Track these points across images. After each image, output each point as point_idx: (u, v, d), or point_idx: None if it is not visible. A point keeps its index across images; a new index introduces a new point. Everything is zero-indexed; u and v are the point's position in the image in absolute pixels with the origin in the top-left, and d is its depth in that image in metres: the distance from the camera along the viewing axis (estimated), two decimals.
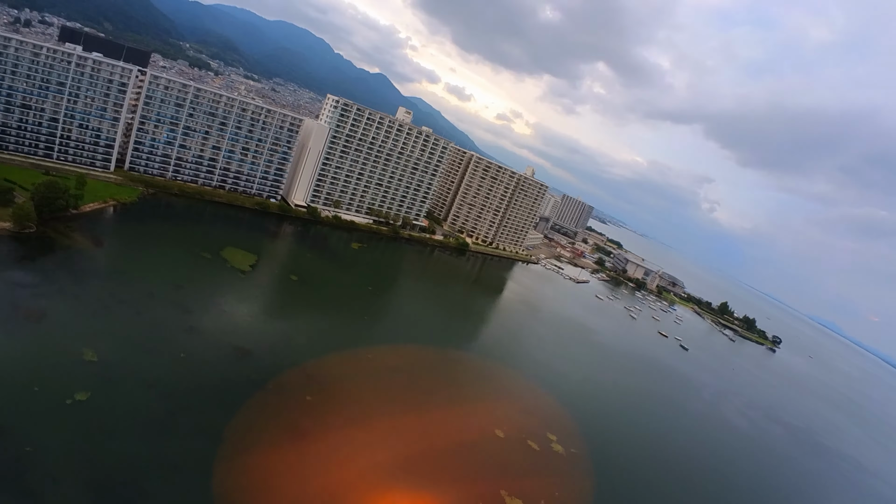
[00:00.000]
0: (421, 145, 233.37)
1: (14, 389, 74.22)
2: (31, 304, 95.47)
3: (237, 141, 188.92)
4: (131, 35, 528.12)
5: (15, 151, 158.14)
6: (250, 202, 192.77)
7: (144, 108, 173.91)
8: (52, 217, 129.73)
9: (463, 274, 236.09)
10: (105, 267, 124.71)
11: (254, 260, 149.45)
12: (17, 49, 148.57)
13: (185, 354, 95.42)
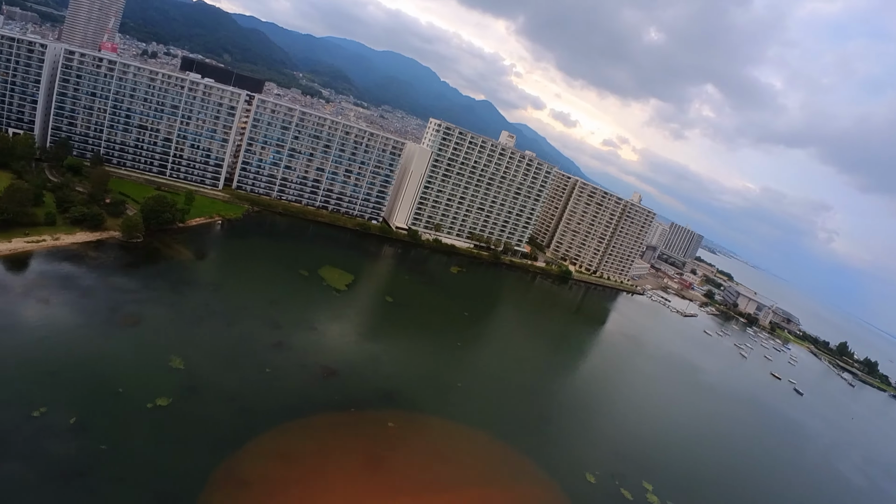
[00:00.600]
0: (524, 170, 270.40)
1: (100, 389, 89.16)
2: (129, 309, 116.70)
3: (340, 163, 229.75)
4: (248, 66, 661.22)
5: (132, 168, 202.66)
6: (352, 223, 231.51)
7: (252, 130, 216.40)
8: (158, 229, 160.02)
9: (564, 303, 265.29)
10: (203, 278, 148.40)
11: (350, 279, 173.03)
12: (135, 75, 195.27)
13: (271, 370, 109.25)
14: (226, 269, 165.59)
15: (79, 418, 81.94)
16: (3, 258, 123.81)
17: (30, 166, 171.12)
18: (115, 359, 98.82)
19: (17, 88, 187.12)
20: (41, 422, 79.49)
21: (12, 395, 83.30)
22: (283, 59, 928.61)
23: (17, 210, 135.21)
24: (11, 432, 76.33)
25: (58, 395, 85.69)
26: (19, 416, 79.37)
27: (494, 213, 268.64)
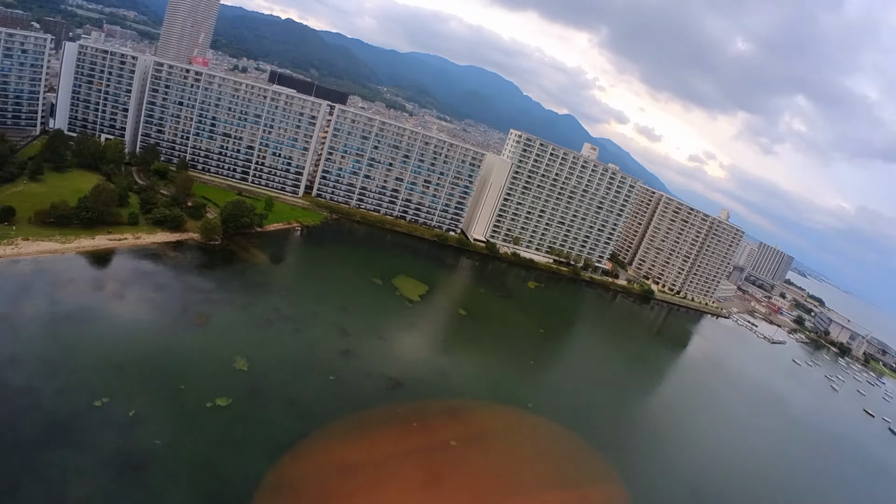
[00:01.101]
0: (606, 183, 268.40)
1: (162, 384, 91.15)
2: (200, 308, 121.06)
3: (419, 173, 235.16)
4: (335, 80, 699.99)
5: (216, 174, 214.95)
6: (429, 233, 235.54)
7: (332, 139, 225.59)
8: (237, 232, 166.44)
9: (644, 323, 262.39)
10: (276, 282, 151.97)
11: (424, 290, 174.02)
12: (220, 85, 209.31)
13: (335, 377, 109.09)
14: (300, 274, 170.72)
15: (138, 411, 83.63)
16: (86, 253, 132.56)
17: (119, 169, 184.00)
18: (180, 356, 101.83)
19: (111, 97, 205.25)
20: (101, 412, 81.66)
21: (78, 383, 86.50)
22: (368, 73, 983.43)
23: (102, 209, 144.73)
24: (72, 419, 78.63)
25: (121, 387, 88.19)
26: (81, 405, 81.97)
27: (575, 228, 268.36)
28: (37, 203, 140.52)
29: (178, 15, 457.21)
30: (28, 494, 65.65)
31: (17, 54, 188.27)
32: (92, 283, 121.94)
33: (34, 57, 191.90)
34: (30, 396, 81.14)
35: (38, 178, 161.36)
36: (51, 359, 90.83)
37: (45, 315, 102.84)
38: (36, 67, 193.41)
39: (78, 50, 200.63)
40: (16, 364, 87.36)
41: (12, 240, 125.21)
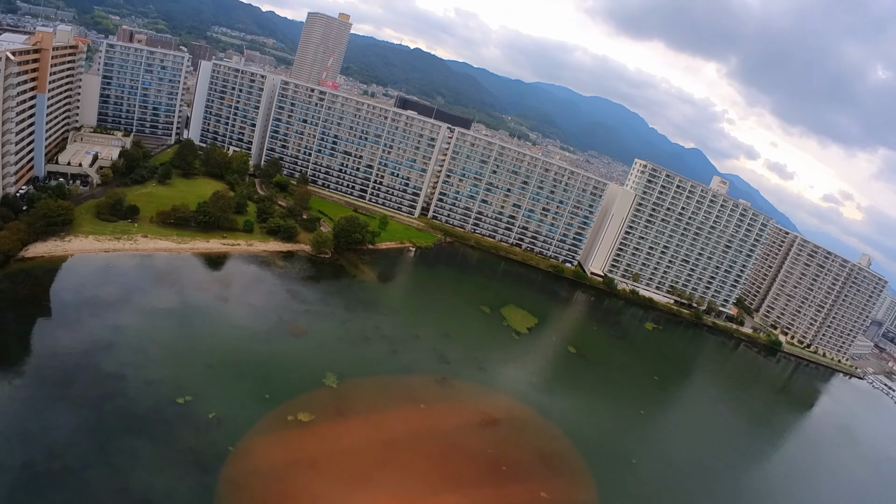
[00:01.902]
0: (737, 221, 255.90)
1: (247, 391, 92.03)
2: (300, 319, 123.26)
3: (538, 201, 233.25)
4: (460, 107, 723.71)
5: (335, 190, 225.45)
6: (545, 263, 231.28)
7: (451, 161, 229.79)
8: (348, 248, 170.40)
9: (768, 378, 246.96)
10: (381, 301, 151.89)
11: (534, 323, 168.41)
12: (342, 104, 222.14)
13: (426, 406, 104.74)
14: (406, 294, 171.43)
15: (218, 414, 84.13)
16: (199, 255, 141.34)
17: (242, 180, 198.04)
18: (271, 365, 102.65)
19: (240, 112, 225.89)
20: (183, 409, 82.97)
21: (166, 378, 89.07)
22: (493, 102, 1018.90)
23: (219, 215, 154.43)
24: (153, 412, 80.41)
25: (206, 388, 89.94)
26: (165, 399, 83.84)
27: (700, 267, 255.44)
28: (160, 204, 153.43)
29: (310, 42, 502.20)
30: (93, 476, 67.43)
31: (157, 70, 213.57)
32: (199, 283, 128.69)
33: (172, 73, 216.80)
34: (119, 383, 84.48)
35: (167, 182, 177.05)
36: (145, 350, 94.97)
37: (149, 308, 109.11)
38: (174, 83, 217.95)
39: (212, 68, 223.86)
40: (112, 351, 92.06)
41: (133, 236, 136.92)
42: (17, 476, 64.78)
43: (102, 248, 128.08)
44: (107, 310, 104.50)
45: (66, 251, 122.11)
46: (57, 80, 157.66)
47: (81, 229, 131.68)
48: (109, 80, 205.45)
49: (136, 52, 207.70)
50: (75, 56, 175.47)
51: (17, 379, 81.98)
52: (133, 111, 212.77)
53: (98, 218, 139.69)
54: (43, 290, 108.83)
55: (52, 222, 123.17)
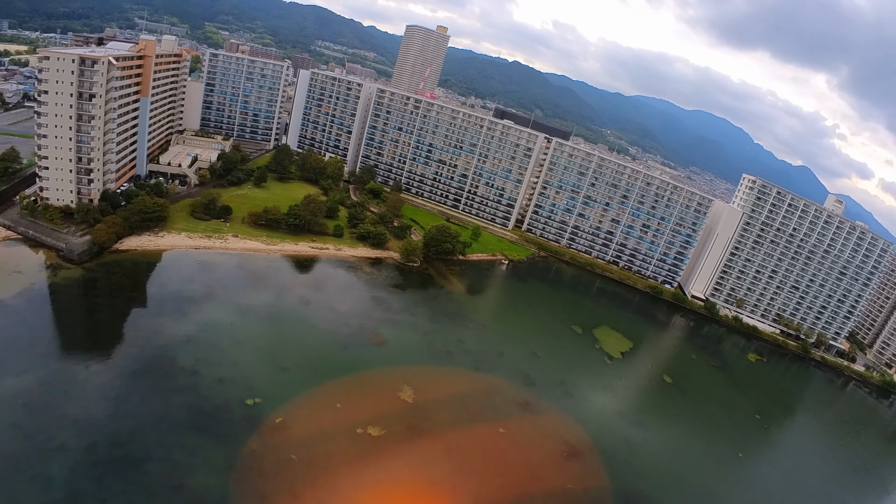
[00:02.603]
0: (853, 245, 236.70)
1: (319, 397, 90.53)
2: (381, 327, 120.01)
3: (638, 217, 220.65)
4: (558, 120, 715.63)
5: (428, 198, 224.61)
6: (642, 284, 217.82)
7: (548, 173, 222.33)
8: (438, 257, 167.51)
9: (880, 422, 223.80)
10: (467, 314, 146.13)
11: (628, 347, 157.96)
12: (437, 112, 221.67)
13: (506, 431, 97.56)
14: (494, 309, 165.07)
15: (286, 420, 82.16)
16: (287, 256, 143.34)
17: (336, 185, 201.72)
18: (347, 373, 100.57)
19: (337, 120, 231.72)
20: (251, 411, 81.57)
21: (239, 378, 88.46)
22: (592, 115, 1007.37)
23: (310, 219, 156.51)
24: (221, 410, 79.62)
25: (278, 392, 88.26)
26: (234, 399, 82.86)
27: (811, 296, 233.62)
28: (253, 206, 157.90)
29: (409, 54, 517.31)
30: (152, 469, 66.99)
31: (257, 78, 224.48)
32: (284, 285, 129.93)
33: (272, 81, 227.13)
34: (191, 379, 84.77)
35: (262, 185, 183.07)
36: (222, 348, 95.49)
37: (231, 306, 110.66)
38: (273, 90, 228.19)
39: (310, 76, 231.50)
40: (190, 345, 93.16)
41: (224, 235, 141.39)
42: (78, 458, 65.68)
43: (193, 244, 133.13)
44: (190, 305, 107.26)
45: (159, 246, 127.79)
46: (161, 86, 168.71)
47: (175, 226, 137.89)
48: (212, 87, 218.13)
49: (238, 60, 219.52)
50: (179, 64, 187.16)
51: (94, 364, 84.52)
52: (234, 117, 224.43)
53: (192, 216, 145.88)
54: (131, 281, 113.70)
55: (146, 218, 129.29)
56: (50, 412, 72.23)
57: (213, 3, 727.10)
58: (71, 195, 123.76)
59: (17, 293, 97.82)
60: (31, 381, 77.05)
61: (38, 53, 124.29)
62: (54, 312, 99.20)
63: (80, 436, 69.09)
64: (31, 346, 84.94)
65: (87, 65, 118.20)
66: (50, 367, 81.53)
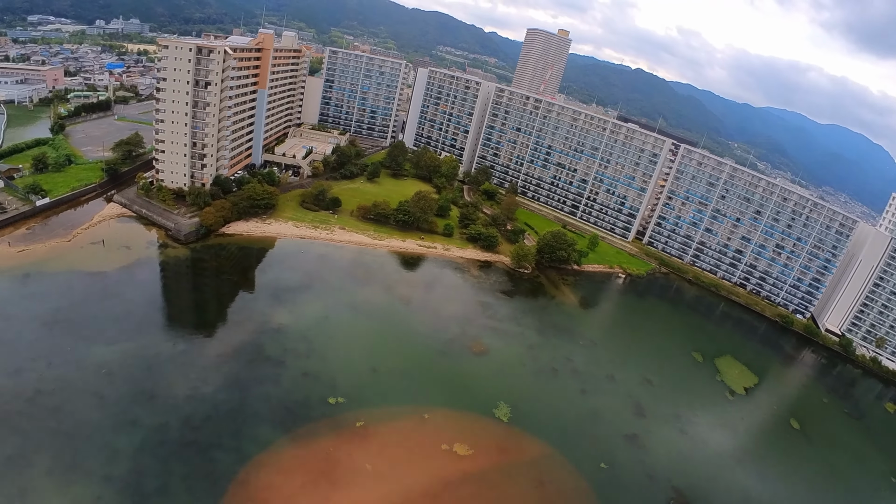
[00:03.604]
0: None
1: (406, 404, 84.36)
2: (484, 335, 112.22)
3: (771, 235, 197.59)
4: (683, 130, 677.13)
5: (545, 203, 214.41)
6: (771, 311, 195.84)
7: (674, 182, 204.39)
8: (551, 265, 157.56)
9: None
10: (579, 329, 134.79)
11: (752, 382, 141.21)
12: (558, 113, 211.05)
13: (608, 466, 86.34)
14: (608, 325, 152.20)
15: (367, 424, 76.56)
16: (393, 252, 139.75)
17: (450, 185, 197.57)
18: (440, 381, 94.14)
19: (454, 119, 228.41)
20: (332, 411, 77.15)
21: (324, 373, 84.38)
22: (718, 126, 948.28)
23: (419, 216, 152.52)
24: (301, 406, 75.91)
25: (362, 393, 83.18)
26: (316, 397, 78.86)
27: None
28: (364, 200, 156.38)
29: (530, 57, 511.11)
30: (219, 458, 64.50)
31: (375, 75, 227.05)
32: (386, 281, 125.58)
33: (390, 79, 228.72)
34: (276, 370, 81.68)
35: (375, 180, 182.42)
36: (312, 341, 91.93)
37: (328, 298, 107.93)
38: (391, 88, 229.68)
39: (428, 74, 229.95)
40: (280, 335, 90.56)
41: (331, 227, 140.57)
42: (148, 436, 64.67)
43: (299, 234, 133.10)
44: (287, 293, 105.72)
45: (265, 232, 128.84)
46: (279, 80, 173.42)
47: (283, 214, 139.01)
48: (331, 83, 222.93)
49: (357, 57, 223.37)
50: (298, 60, 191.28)
51: (181, 343, 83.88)
52: (352, 113, 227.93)
53: (301, 206, 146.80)
54: (232, 264, 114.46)
55: (255, 204, 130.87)
56: (130, 385, 72.65)
57: (339, 9, 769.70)
58: (184, 178, 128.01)
59: (121, 266, 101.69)
60: (119, 352, 78.34)
61: (159, 43, 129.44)
62: (153, 288, 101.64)
63: (154, 413, 68.29)
64: (124, 318, 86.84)
65: (204, 54, 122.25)
66: (139, 340, 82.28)
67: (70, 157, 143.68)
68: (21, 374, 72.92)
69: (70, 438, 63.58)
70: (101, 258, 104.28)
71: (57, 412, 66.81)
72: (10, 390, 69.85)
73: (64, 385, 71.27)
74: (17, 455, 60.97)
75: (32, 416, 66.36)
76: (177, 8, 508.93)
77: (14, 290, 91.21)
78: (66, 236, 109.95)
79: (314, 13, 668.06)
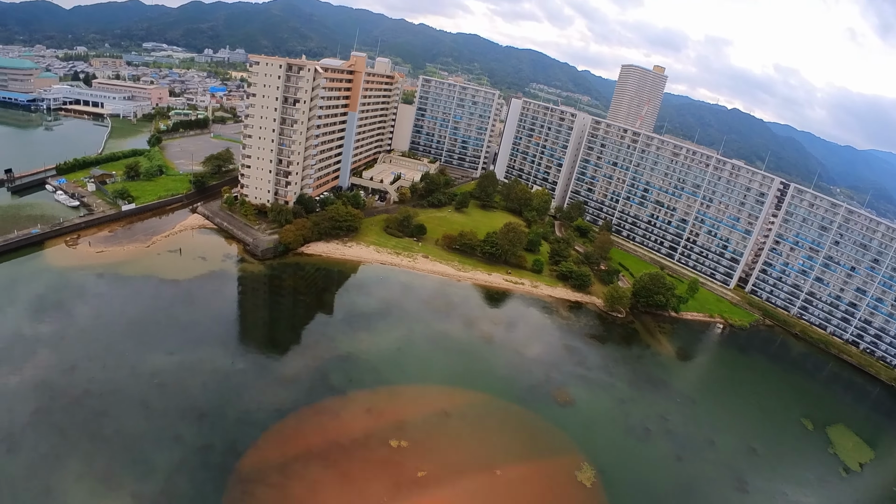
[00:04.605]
0: None
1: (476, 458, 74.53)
2: (570, 384, 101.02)
3: (890, 288, 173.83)
4: (782, 174, 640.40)
5: (639, 243, 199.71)
6: (886, 374, 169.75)
7: (782, 225, 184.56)
8: (646, 311, 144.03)
9: None
10: (676, 383, 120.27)
11: (869, 457, 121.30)
12: (658, 147, 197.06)
13: None
14: (707, 381, 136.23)
15: (429, 476, 67.96)
16: (477, 286, 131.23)
17: (541, 219, 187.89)
18: (518, 432, 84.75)
19: (547, 151, 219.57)
20: (392, 455, 69.57)
21: (389, 412, 77.62)
22: (819, 169, 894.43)
23: (508, 249, 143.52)
24: (359, 446, 68.36)
25: (429, 438, 75.16)
26: (377, 437, 71.33)
27: None
28: (450, 229, 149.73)
29: (624, 93, 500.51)
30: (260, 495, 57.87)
31: (468, 105, 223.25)
32: (468, 316, 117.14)
33: (483, 109, 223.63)
34: (337, 403, 74.83)
35: (463, 210, 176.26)
36: (382, 373, 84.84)
37: (403, 329, 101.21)
38: (483, 118, 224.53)
39: (522, 105, 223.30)
40: (347, 363, 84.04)
41: (413, 254, 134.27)
42: (188, 456, 61.18)
43: (380, 259, 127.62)
44: (360, 319, 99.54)
45: (344, 255, 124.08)
46: (371, 104, 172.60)
47: (365, 238, 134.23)
48: (423, 111, 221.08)
49: (450, 87, 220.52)
50: (391, 86, 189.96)
51: (242, 361, 79.21)
52: (443, 142, 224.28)
53: (385, 231, 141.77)
54: (307, 285, 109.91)
55: (337, 226, 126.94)
56: (180, 399, 69.01)
57: (434, 45, 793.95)
58: (268, 195, 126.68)
59: (194, 277, 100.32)
60: (176, 363, 75.34)
61: (251, 58, 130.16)
62: (222, 302, 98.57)
63: (200, 433, 63.86)
64: (188, 329, 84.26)
65: (294, 71, 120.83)
66: (198, 353, 78.73)
67: (162, 167, 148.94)
68: (74, 371, 71.50)
69: (108, 446, 60.43)
70: (176, 266, 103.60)
71: (100, 416, 64.29)
72: (59, 387, 68.39)
73: (113, 389, 68.96)
74: (50, 454, 58.76)
75: (75, 417, 64.46)
76: (280, 41, 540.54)
77: (84, 289, 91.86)
78: (146, 242, 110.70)
79: (411, 49, 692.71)
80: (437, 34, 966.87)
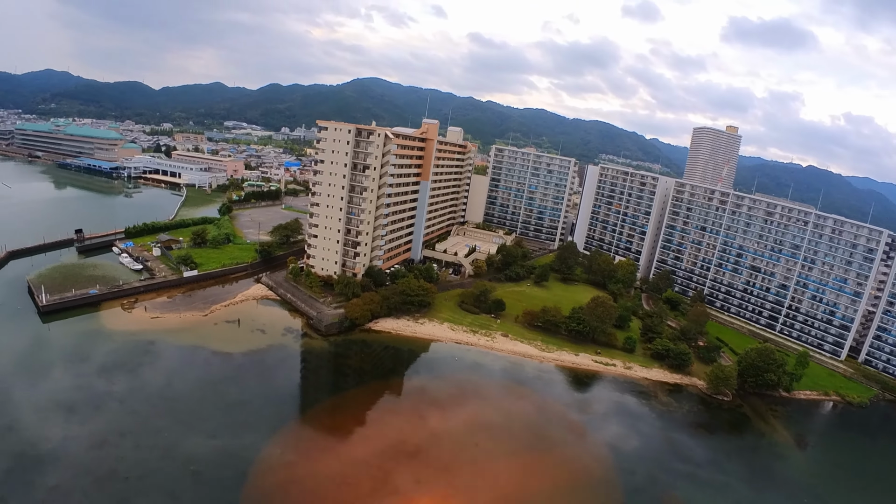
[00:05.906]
0: None
1: None
2: (678, 485, 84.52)
3: None
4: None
5: (735, 315, 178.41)
6: None
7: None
8: (754, 391, 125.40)
9: None
10: (799, 478, 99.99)
11: None
12: (749, 208, 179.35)
13: None
14: (835, 476, 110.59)
15: None
16: (563, 368, 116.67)
17: (626, 291, 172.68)
18: None
19: (629, 219, 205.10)
20: None
21: None
22: None
23: (596, 325, 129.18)
24: None
25: None
26: None
27: None
28: (530, 304, 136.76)
29: (698, 157, 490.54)
30: None
31: (543, 174, 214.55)
32: (553, 404, 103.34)
33: (559, 177, 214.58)
34: None
35: (542, 283, 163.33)
36: (454, 473, 72.86)
37: (481, 418, 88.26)
38: (560, 187, 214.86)
39: (599, 172, 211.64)
40: (415, 461, 72.82)
41: (491, 332, 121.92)
42: None
43: (454, 338, 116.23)
44: (432, 407, 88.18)
45: (415, 332, 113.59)
46: (444, 173, 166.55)
47: (438, 314, 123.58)
48: (497, 181, 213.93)
49: (524, 155, 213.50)
50: (464, 155, 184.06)
51: (292, 452, 70.51)
52: (518, 213, 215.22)
53: (460, 307, 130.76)
54: (374, 365, 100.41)
55: (408, 301, 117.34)
56: (216, 493, 60.74)
57: (502, 121, 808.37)
58: (335, 266, 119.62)
59: (250, 350, 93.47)
60: (217, 448, 66.91)
61: (319, 124, 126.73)
62: (278, 380, 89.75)
63: None
64: (235, 409, 76.07)
65: (363, 136, 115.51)
66: (244, 439, 69.70)
67: (230, 236, 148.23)
68: (103, 447, 66.09)
69: None
70: (232, 338, 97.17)
71: None
72: (84, 464, 63.10)
73: (142, 473, 61.53)
74: None
75: (94, 500, 58.17)
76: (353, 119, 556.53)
77: (132, 357, 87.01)
78: (204, 310, 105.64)
79: (479, 126, 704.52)
80: (505, 110, 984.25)
